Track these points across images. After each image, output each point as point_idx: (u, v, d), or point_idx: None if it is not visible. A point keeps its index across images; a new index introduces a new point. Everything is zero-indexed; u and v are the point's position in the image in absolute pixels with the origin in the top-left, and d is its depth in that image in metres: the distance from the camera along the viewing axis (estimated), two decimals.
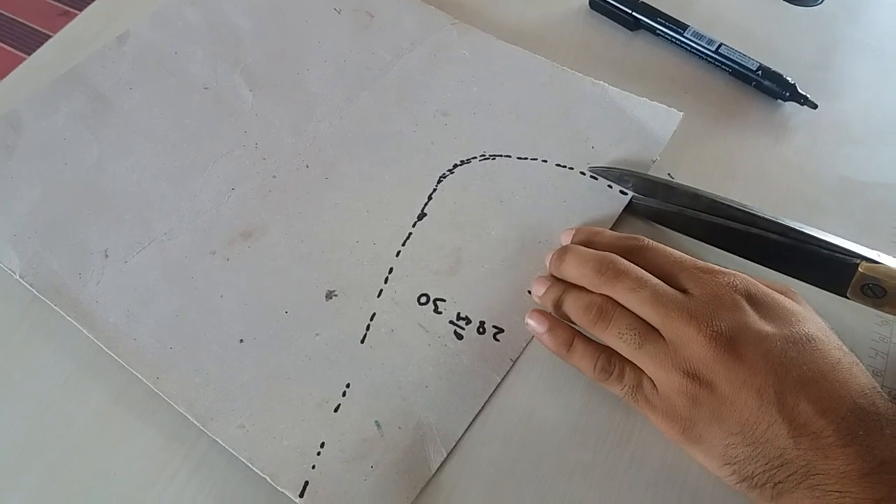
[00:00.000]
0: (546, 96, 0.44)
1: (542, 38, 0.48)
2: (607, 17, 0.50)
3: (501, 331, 0.36)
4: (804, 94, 0.44)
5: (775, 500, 0.28)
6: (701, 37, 0.47)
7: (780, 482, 0.28)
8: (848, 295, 0.35)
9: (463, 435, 0.33)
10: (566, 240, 0.38)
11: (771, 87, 0.45)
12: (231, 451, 0.32)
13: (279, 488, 0.31)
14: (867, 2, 0.52)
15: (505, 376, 0.35)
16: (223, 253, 0.38)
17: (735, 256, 0.38)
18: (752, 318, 0.31)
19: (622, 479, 0.32)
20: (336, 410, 0.33)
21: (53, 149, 0.41)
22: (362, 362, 0.35)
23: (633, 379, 0.32)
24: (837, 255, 0.35)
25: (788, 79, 0.45)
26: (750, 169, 0.43)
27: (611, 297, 0.33)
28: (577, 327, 0.34)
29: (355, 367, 0.35)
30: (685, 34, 0.47)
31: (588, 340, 0.34)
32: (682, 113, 0.42)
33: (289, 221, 0.39)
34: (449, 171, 0.41)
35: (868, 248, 0.35)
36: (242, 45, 0.47)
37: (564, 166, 0.41)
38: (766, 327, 0.30)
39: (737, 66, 0.46)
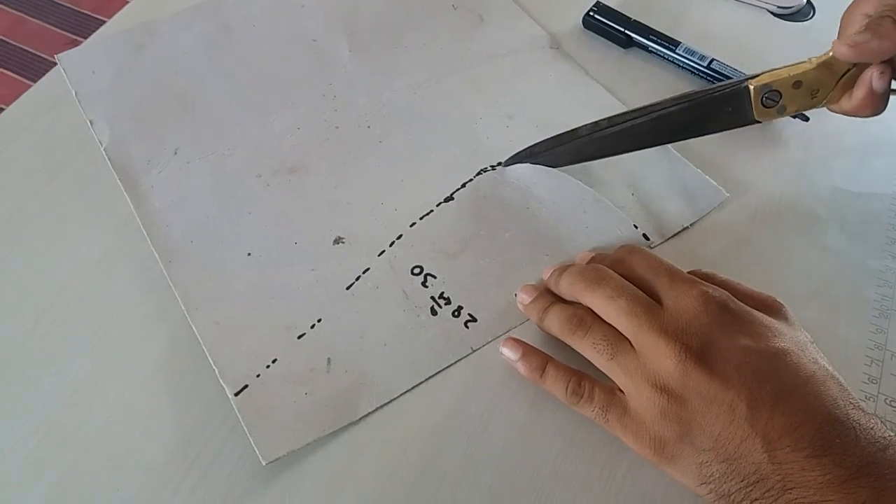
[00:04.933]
0: None
1: None
2: (600, 35, 0.51)
3: (474, 320, 0.37)
4: None
5: None
6: (693, 53, 0.48)
7: (756, 500, 0.28)
8: (757, 118, 0.37)
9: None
10: (581, 259, 0.39)
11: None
12: (199, 338, 0.36)
13: (221, 382, 0.34)
14: None
15: (459, 361, 0.36)
16: (266, 179, 0.42)
17: (659, 148, 0.41)
18: (726, 331, 0.30)
19: (619, 487, 0.32)
20: (300, 338, 0.36)
21: (172, 59, 0.48)
22: (340, 305, 0.37)
23: (602, 400, 0.32)
24: (728, 89, 0.37)
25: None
26: (742, 181, 0.43)
27: (591, 310, 0.34)
28: (552, 353, 0.35)
29: (332, 307, 0.37)
30: (677, 50, 0.48)
31: (559, 365, 0.34)
32: (728, 194, 0.42)
33: (331, 168, 0.43)
34: (491, 166, 0.43)
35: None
36: (359, 12, 0.51)
37: (599, 195, 0.41)
38: (740, 341, 0.30)
39: None
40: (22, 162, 0.43)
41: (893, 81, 0.35)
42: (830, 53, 0.35)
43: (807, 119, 0.45)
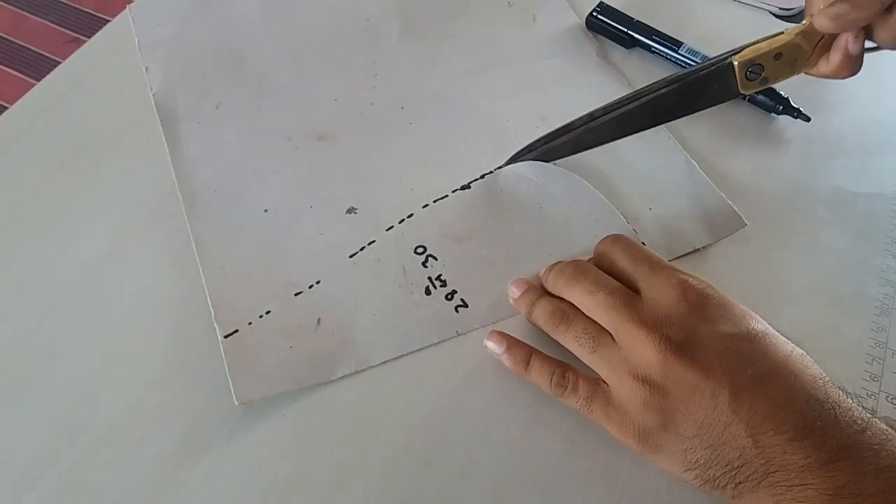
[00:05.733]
0: (640, 149, 0.44)
1: None
2: (603, 35, 0.51)
3: (465, 306, 0.38)
4: (797, 107, 0.45)
5: (736, 500, 0.29)
6: (695, 53, 0.48)
7: (740, 483, 0.28)
8: (742, 91, 0.38)
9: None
10: None
11: (764, 100, 0.46)
12: (203, 281, 0.38)
13: (214, 323, 0.36)
14: None
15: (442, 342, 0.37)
16: (296, 142, 0.44)
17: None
18: (706, 319, 0.31)
19: (625, 481, 0.33)
20: (296, 295, 0.38)
21: (232, 19, 0.50)
22: (340, 272, 0.38)
23: (586, 391, 0.33)
24: (713, 67, 0.38)
25: (781, 93, 0.45)
26: (744, 182, 0.43)
27: (573, 304, 0.34)
28: (541, 348, 0.35)
29: (332, 272, 0.38)
30: (680, 51, 0.49)
31: (544, 357, 0.35)
32: (747, 223, 0.41)
33: (359, 141, 0.44)
34: (497, 168, 0.43)
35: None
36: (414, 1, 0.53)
37: (616, 208, 0.41)
38: (720, 328, 0.30)
39: None
40: (59, 130, 0.45)
41: (867, 42, 0.35)
42: (806, 23, 0.36)
43: (808, 119, 0.45)
